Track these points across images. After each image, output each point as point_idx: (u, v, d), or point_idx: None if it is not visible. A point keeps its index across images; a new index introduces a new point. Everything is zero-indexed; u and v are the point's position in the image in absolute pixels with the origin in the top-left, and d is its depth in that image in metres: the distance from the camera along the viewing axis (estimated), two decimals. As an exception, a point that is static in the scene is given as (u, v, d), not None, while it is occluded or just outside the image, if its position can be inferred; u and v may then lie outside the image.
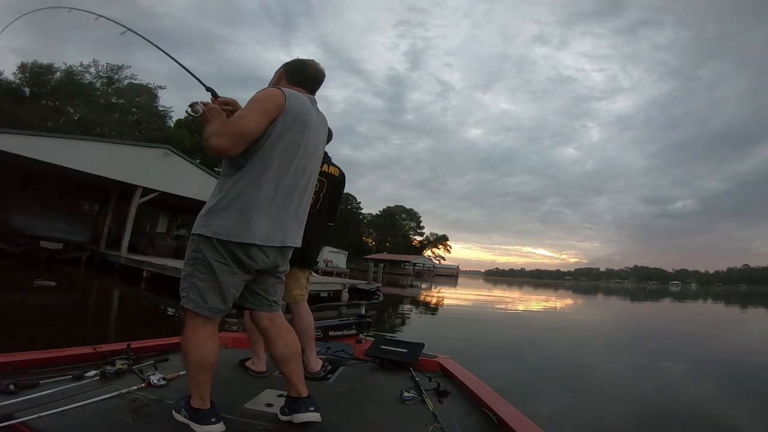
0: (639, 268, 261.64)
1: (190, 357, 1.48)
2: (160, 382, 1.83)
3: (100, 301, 10.06)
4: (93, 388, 1.68)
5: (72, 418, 1.41)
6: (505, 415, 1.70)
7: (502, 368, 6.01)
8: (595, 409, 4.45)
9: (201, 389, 1.48)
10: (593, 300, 33.14)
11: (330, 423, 1.62)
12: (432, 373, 2.42)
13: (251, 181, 1.52)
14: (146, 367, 2.00)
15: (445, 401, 1.96)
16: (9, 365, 1.73)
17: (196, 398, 1.48)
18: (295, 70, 1.81)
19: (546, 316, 17.12)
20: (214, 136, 1.49)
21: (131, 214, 15.89)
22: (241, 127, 1.50)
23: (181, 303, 1.51)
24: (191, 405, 1.48)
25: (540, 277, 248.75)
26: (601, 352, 8.55)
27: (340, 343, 2.85)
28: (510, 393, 4.55)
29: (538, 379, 5.59)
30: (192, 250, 1.52)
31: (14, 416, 1.33)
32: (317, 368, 2.28)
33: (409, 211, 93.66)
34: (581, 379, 5.80)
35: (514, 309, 18.77)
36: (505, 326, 12.03)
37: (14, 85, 33.34)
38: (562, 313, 19.32)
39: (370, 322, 3.26)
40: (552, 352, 8.01)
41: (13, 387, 1.54)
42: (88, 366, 1.88)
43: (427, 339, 2.96)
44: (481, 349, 7.64)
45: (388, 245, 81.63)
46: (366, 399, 1.96)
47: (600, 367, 6.80)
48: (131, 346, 2.16)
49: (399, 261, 69.23)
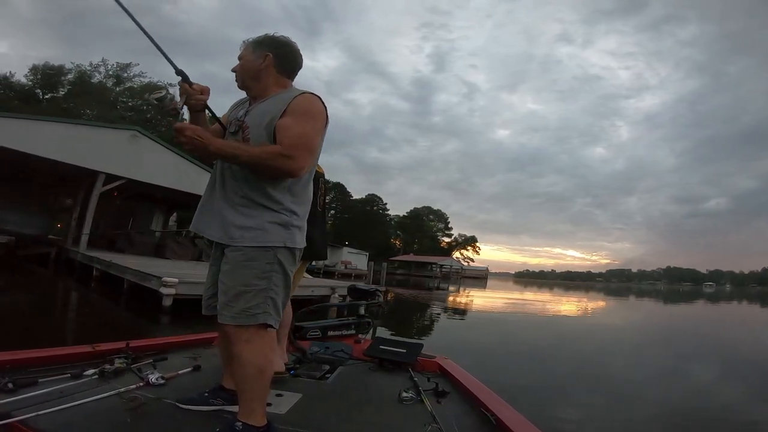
0: (671, 269, 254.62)
1: (267, 373, 1.45)
2: (159, 381, 1.82)
3: (24, 305, 7.76)
4: (91, 387, 1.68)
5: (70, 416, 1.41)
6: (503, 415, 1.69)
7: (529, 370, 5.96)
8: (626, 414, 4.33)
9: (264, 405, 1.46)
10: (625, 302, 32.50)
11: (328, 423, 1.62)
12: (430, 373, 2.41)
13: (306, 188, 1.59)
14: (145, 366, 2.00)
15: (443, 401, 1.95)
16: (7, 363, 1.74)
17: (260, 416, 1.42)
18: (284, 57, 1.62)
19: (576, 318, 16.62)
20: (286, 159, 1.40)
21: (92, 204, 13.91)
22: (314, 146, 1.51)
23: (254, 323, 1.42)
24: (256, 426, 1.40)
25: (571, 279, 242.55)
26: (631, 355, 8.31)
27: (339, 343, 2.84)
28: (537, 396, 4.59)
29: (566, 383, 5.48)
30: (267, 263, 1.44)
31: (12, 415, 1.33)
32: (281, 368, 2.16)
33: (437, 212, 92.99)
34: (612, 382, 5.66)
35: (543, 311, 18.46)
36: (533, 328, 11.75)
37: (27, 87, 33.78)
38: (593, 315, 18.83)
39: (369, 322, 3.25)
40: (581, 355, 7.83)
41: (11, 385, 1.54)
42: (86, 365, 1.89)
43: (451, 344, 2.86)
44: (507, 350, 7.55)
45: (416, 247, 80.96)
46: (364, 399, 1.95)
47: (630, 370, 6.61)
48: (130, 345, 2.17)
49: (425, 263, 68.39)
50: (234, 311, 1.42)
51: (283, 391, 1.91)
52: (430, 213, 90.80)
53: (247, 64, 1.60)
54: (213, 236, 1.53)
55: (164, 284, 7.43)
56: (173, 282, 7.44)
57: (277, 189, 1.49)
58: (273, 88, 1.61)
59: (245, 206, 1.48)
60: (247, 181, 1.48)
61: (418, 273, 61.73)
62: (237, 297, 1.43)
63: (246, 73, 1.61)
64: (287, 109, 1.49)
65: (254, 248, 1.44)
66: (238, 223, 1.46)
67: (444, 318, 13.11)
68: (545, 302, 24.93)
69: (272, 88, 1.61)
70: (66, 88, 35.92)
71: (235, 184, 1.50)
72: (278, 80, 1.62)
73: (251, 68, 1.59)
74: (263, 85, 1.61)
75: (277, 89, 1.61)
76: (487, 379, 2.35)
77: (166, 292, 7.39)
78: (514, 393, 3.89)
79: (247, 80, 1.62)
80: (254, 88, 1.62)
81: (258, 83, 1.61)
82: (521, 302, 22.84)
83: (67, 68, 36.28)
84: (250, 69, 1.59)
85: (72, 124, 14.29)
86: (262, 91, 1.61)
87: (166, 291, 7.40)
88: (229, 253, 1.48)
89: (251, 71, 1.60)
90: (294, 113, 1.48)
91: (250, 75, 1.61)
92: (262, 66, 1.58)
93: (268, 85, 1.61)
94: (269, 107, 1.54)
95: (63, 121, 14.66)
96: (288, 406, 1.74)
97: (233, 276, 1.45)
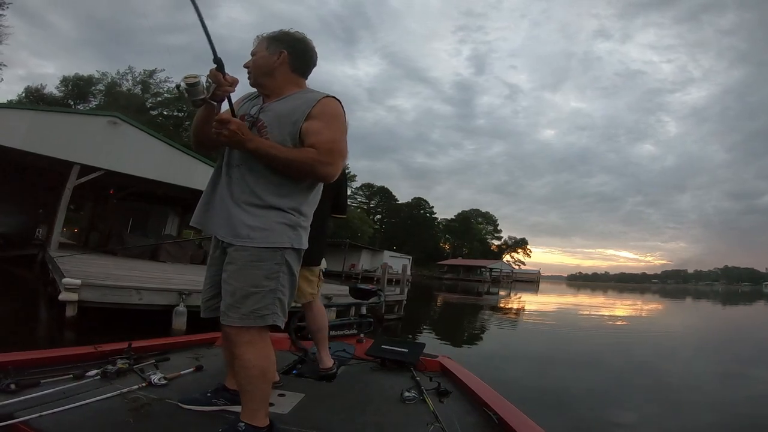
0: (729, 269, 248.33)
1: (269, 374, 1.44)
2: (161, 381, 1.82)
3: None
4: (94, 388, 1.68)
5: (73, 417, 1.41)
6: (505, 414, 1.69)
7: (583, 375, 5.96)
8: (683, 419, 4.31)
9: (267, 405, 1.45)
10: (682, 304, 32.07)
11: (331, 423, 1.62)
12: (433, 372, 2.41)
13: (317, 191, 1.59)
14: (147, 366, 2.00)
15: (445, 401, 1.95)
16: (10, 364, 1.73)
17: (263, 416, 1.41)
18: (300, 55, 1.58)
19: (632, 321, 16.34)
20: (325, 165, 1.42)
21: (64, 199, 12.24)
22: (345, 151, 1.53)
23: (263, 324, 1.41)
24: (259, 427, 1.39)
25: (625, 281, 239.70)
26: (690, 359, 8.24)
27: (341, 343, 2.85)
28: (593, 400, 4.56)
29: (622, 386, 5.48)
30: (276, 263, 1.43)
31: (15, 415, 1.33)
32: (329, 364, 2.32)
33: (485, 214, 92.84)
34: (668, 387, 5.62)
35: (598, 314, 18.27)
36: (588, 334, 11.54)
37: (59, 99, 34.38)
38: (650, 318, 18.60)
39: (371, 322, 3.27)
40: (637, 358, 7.77)
41: (14, 386, 1.54)
42: (89, 365, 1.88)
43: (506, 355, 2.74)
44: (562, 355, 7.54)
45: (465, 251, 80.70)
46: (367, 398, 1.96)
47: (688, 374, 6.55)
48: (132, 345, 2.16)
49: (474, 266, 67.44)
50: (242, 312, 1.40)
51: (285, 391, 1.92)
52: (478, 215, 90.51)
53: (260, 61, 1.55)
54: (219, 234, 1.50)
55: (65, 287, 5.37)
56: (74, 285, 5.37)
57: (288, 190, 1.48)
58: (288, 87, 1.57)
59: (253, 205, 1.45)
60: (258, 181, 1.46)
61: (467, 277, 60.81)
62: (245, 298, 1.40)
63: (259, 69, 1.56)
64: (312, 113, 1.47)
65: (262, 248, 1.42)
66: (246, 223, 1.43)
67: (498, 326, 12.23)
68: (599, 306, 24.15)
69: (287, 87, 1.57)
70: (98, 99, 36.61)
71: (244, 183, 1.47)
72: (293, 79, 1.58)
73: (265, 65, 1.55)
74: (277, 83, 1.57)
75: (293, 88, 1.58)
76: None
77: (66, 297, 5.34)
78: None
79: (260, 77, 1.57)
80: (268, 86, 1.57)
81: (272, 81, 1.56)
82: (581, 309, 22.01)
83: (96, 78, 37.20)
84: (264, 66, 1.55)
85: (42, 111, 12.82)
86: (276, 89, 1.57)
87: (65, 297, 5.34)
88: (234, 253, 1.45)
89: (265, 68, 1.55)
90: (322, 117, 1.47)
91: (263, 71, 1.56)
92: (277, 63, 1.54)
93: (282, 83, 1.57)
94: (290, 108, 1.50)
95: (31, 108, 13.44)
96: (290, 406, 1.75)
97: (241, 276, 1.41)
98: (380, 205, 78.98)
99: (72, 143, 11.84)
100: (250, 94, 1.68)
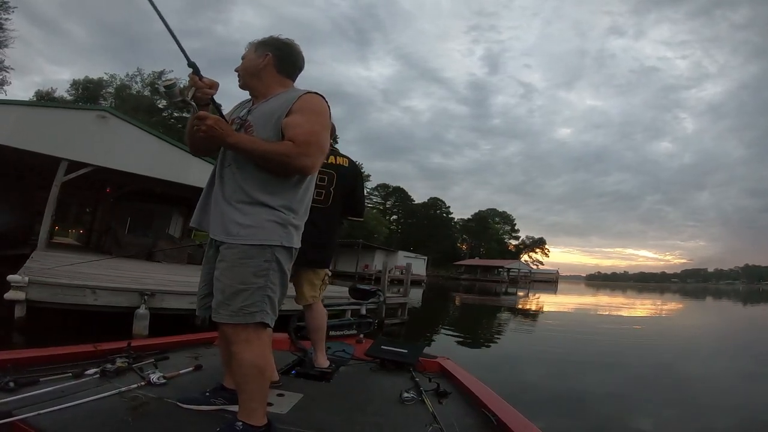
0: (750, 268, 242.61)
1: (266, 373, 1.44)
2: (160, 380, 1.82)
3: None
4: (93, 386, 1.68)
5: (71, 415, 1.41)
6: (504, 416, 1.68)
7: (603, 378, 5.87)
8: (703, 423, 4.22)
9: (265, 404, 1.45)
10: (702, 303, 31.56)
11: (330, 423, 1.61)
12: (432, 373, 2.41)
13: (308, 188, 1.59)
14: (146, 365, 2.00)
15: (444, 402, 1.95)
16: (9, 362, 1.74)
17: (261, 415, 1.42)
18: (284, 57, 1.63)
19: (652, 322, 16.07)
20: (301, 156, 1.43)
21: (52, 196, 11.74)
22: (325, 143, 1.53)
23: (252, 321, 1.41)
24: (256, 426, 1.39)
25: (644, 281, 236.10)
26: (710, 360, 8.09)
27: (341, 343, 2.86)
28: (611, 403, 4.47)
29: (642, 389, 5.39)
30: (265, 260, 1.43)
31: (13, 414, 1.33)
32: (325, 364, 2.33)
33: (502, 214, 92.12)
34: (689, 389, 5.53)
35: (618, 314, 18.04)
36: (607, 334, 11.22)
37: (70, 102, 34.03)
38: (671, 318, 18.30)
39: (370, 322, 3.25)
40: (657, 359, 7.65)
41: (12, 384, 1.54)
42: (88, 364, 1.89)
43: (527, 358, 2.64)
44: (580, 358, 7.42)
45: (483, 251, 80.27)
46: (366, 399, 1.95)
47: (709, 377, 6.41)
48: (131, 344, 2.17)
49: (492, 267, 67.06)
50: (231, 309, 1.41)
51: (284, 391, 1.91)
52: (495, 215, 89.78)
53: (247, 63, 1.63)
54: (213, 233, 1.52)
55: (12, 285, 4.93)
56: (20, 282, 4.93)
57: (276, 187, 1.49)
58: (274, 88, 1.62)
59: (243, 203, 1.47)
60: (246, 179, 1.48)
61: (485, 278, 60.43)
62: (234, 295, 1.41)
63: (246, 71, 1.63)
64: (293, 107, 1.51)
65: (251, 246, 1.43)
66: (236, 220, 1.45)
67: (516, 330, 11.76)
68: (620, 306, 23.70)
69: (274, 88, 1.62)
70: (108, 101, 36.63)
71: (234, 182, 1.49)
72: (279, 80, 1.64)
73: (251, 66, 1.61)
74: (264, 85, 1.62)
75: (279, 89, 1.62)
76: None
77: (13, 296, 4.89)
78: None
79: (248, 79, 1.64)
80: (255, 88, 1.64)
81: (258, 82, 1.63)
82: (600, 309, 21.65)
83: (105, 81, 37.26)
84: (251, 67, 1.62)
85: (29, 106, 12.56)
86: (263, 90, 1.62)
87: (11, 295, 4.89)
88: (224, 251, 1.47)
89: (251, 69, 1.62)
90: (302, 111, 1.50)
91: (250, 73, 1.63)
92: (262, 65, 1.60)
93: (269, 84, 1.62)
94: (274, 106, 1.55)
95: (17, 102, 12.90)
96: (289, 406, 1.74)
97: (230, 274, 1.43)
98: (396, 206, 78.84)
99: (59, 138, 11.41)
100: (245, 100, 1.73)
